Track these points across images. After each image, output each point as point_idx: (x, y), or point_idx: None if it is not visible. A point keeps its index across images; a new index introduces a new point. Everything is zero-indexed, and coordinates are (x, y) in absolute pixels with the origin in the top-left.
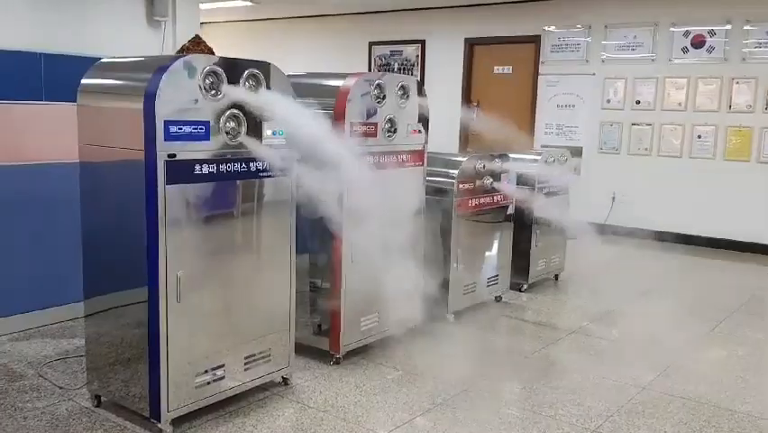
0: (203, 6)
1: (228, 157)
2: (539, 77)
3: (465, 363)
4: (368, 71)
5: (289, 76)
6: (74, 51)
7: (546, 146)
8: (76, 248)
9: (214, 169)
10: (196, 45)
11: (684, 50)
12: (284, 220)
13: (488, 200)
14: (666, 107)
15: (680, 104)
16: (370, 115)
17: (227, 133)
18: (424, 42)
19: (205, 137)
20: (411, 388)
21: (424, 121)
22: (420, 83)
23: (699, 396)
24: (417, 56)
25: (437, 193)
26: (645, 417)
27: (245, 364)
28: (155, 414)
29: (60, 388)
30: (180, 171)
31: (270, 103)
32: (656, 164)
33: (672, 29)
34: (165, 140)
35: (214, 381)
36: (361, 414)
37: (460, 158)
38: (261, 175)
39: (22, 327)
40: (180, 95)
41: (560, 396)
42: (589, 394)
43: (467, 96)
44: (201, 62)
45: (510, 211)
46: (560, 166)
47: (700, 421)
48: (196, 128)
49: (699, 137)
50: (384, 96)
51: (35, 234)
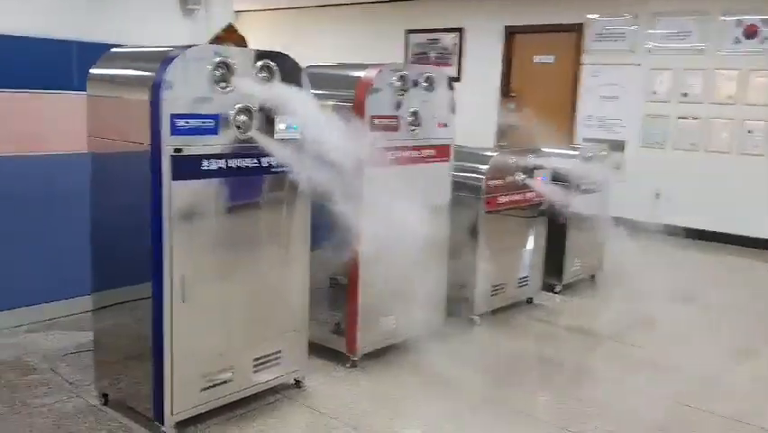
0: None
1: (238, 152)
2: (581, 67)
3: (490, 370)
4: (403, 61)
5: (309, 67)
6: (106, 40)
7: (587, 139)
8: None
9: (223, 164)
10: (230, 34)
11: (736, 40)
12: (297, 217)
13: (519, 197)
14: (715, 101)
15: (730, 97)
16: (392, 107)
17: (238, 126)
18: (462, 30)
19: (214, 131)
20: (430, 397)
21: (451, 114)
22: (448, 75)
23: (741, 415)
24: (455, 44)
25: (465, 189)
26: None
27: (255, 366)
28: (158, 416)
29: (70, 384)
30: (187, 167)
31: (283, 96)
32: (703, 160)
33: (723, 17)
34: (171, 134)
35: (221, 383)
36: (374, 423)
37: (490, 152)
38: (273, 170)
39: (41, 317)
40: (188, 87)
41: (590, 410)
42: (621, 409)
43: (506, 87)
44: (210, 53)
45: (543, 208)
46: (599, 162)
47: None
48: (204, 122)
49: (750, 132)
50: (408, 89)
51: (61, 223)
